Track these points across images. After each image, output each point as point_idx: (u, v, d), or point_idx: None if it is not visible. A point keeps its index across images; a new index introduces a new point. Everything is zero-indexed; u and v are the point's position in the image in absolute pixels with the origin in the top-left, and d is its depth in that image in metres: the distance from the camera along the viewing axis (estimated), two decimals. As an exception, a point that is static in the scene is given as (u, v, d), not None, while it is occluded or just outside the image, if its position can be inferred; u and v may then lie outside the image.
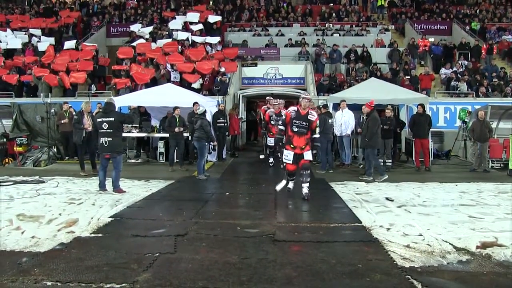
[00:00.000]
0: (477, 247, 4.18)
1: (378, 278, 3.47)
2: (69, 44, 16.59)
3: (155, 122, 12.02)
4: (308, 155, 6.59)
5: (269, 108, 10.68)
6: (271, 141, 10.22)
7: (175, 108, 10.15)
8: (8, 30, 17.71)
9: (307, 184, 6.59)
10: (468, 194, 6.96)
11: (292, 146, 6.59)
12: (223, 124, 11.52)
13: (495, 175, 9.47)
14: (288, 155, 6.62)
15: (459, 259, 3.91)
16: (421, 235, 4.58)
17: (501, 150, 10.43)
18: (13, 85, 14.51)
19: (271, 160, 10.54)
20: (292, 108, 6.79)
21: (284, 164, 6.91)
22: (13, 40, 16.99)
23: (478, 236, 4.51)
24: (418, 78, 14.59)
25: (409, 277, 3.46)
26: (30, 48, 16.83)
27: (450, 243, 4.29)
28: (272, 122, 9.98)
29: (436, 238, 4.44)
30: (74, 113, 10.29)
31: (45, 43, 16.54)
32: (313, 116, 6.59)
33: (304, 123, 6.52)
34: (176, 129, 9.93)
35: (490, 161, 10.40)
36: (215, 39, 16.71)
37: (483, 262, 3.84)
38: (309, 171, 6.63)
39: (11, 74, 14.93)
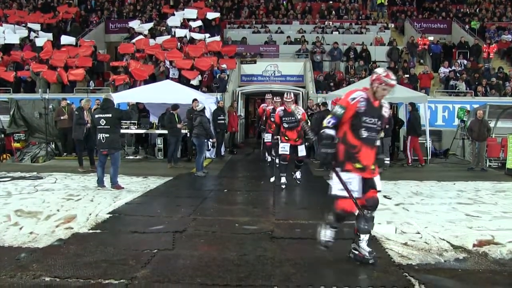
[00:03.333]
0: (474, 245, 4.20)
1: (376, 275, 3.48)
2: (67, 39, 16.51)
3: (153, 119, 12.02)
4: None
5: (274, 109, 8.95)
6: (284, 148, 7.69)
7: (176, 107, 10.12)
8: (6, 24, 17.61)
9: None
10: (466, 193, 6.98)
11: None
12: (223, 121, 11.51)
13: (492, 174, 9.50)
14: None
15: (456, 257, 3.93)
16: (418, 233, 4.60)
17: (499, 149, 10.47)
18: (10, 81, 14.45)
19: (283, 180, 7.69)
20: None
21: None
22: (10, 35, 16.89)
23: (475, 234, 4.53)
24: (417, 77, 14.61)
25: (407, 274, 3.48)
26: (28, 44, 16.74)
27: (447, 241, 4.30)
28: (285, 125, 7.69)
29: (434, 236, 4.45)
30: (74, 109, 10.25)
31: (43, 39, 16.47)
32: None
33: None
34: (179, 125, 9.93)
35: (488, 160, 10.43)
36: (214, 37, 16.64)
37: (480, 260, 3.86)
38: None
39: (9, 70, 14.86)
